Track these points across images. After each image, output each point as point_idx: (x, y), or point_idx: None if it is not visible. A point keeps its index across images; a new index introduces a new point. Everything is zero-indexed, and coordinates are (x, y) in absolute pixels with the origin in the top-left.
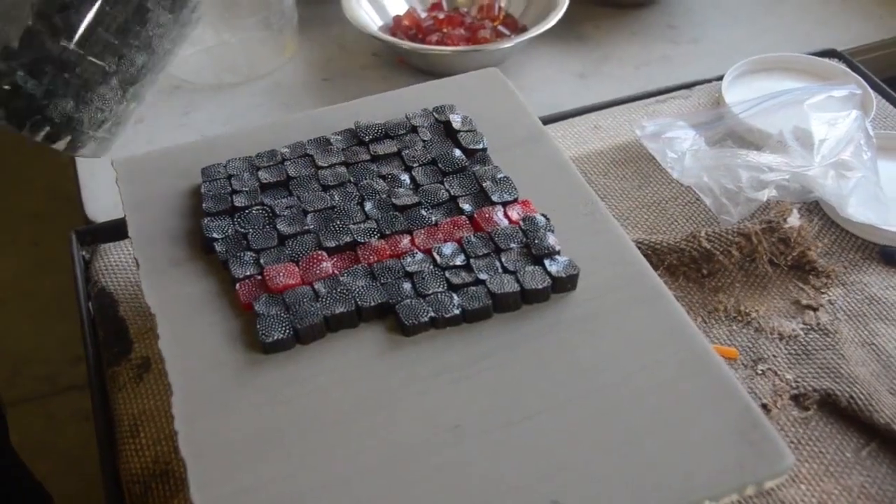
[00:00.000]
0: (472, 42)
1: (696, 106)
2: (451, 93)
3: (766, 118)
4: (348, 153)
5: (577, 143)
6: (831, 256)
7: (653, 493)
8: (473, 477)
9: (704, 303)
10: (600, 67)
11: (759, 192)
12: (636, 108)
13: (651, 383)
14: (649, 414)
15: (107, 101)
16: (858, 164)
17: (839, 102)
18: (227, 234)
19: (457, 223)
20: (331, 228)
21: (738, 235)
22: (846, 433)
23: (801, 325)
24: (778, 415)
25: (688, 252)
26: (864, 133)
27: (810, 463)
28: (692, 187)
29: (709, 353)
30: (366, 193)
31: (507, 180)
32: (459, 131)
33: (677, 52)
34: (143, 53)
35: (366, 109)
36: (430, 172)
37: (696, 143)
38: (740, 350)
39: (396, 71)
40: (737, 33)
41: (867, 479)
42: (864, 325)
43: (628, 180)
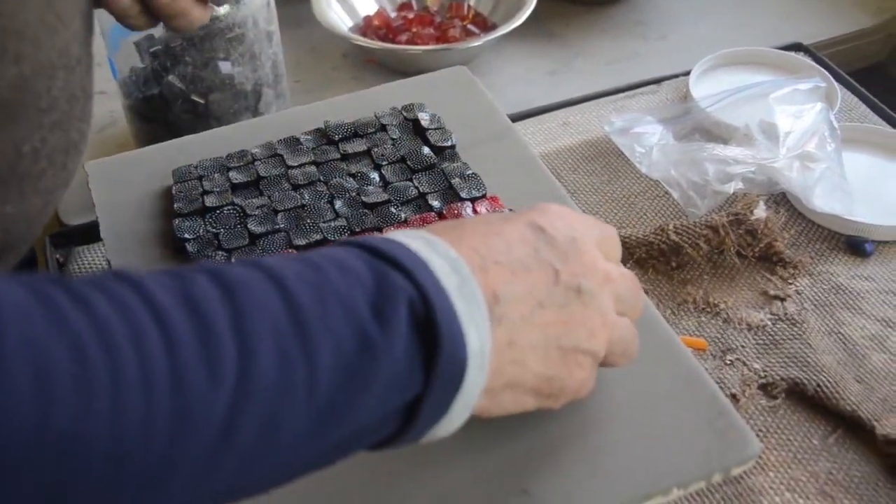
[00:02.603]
0: (441, 41)
1: (664, 101)
2: (420, 91)
3: (733, 112)
4: (318, 152)
5: (546, 140)
6: (798, 247)
7: (620, 482)
8: (442, 466)
9: (673, 295)
10: (570, 64)
11: (725, 184)
12: (605, 104)
13: (618, 372)
14: (617, 403)
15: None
16: (823, 155)
17: (804, 95)
18: (199, 234)
19: (426, 220)
20: (301, 227)
21: (705, 228)
22: (813, 421)
23: (768, 315)
24: (746, 404)
25: (656, 245)
26: (829, 125)
27: (778, 451)
28: (660, 181)
29: (675, 344)
30: (336, 192)
31: (476, 177)
32: (428, 129)
33: (646, 48)
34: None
35: (335, 109)
36: (400, 170)
37: (663, 138)
38: (709, 341)
39: (367, 71)
40: (705, 29)
41: (834, 466)
42: (831, 315)
43: (597, 175)
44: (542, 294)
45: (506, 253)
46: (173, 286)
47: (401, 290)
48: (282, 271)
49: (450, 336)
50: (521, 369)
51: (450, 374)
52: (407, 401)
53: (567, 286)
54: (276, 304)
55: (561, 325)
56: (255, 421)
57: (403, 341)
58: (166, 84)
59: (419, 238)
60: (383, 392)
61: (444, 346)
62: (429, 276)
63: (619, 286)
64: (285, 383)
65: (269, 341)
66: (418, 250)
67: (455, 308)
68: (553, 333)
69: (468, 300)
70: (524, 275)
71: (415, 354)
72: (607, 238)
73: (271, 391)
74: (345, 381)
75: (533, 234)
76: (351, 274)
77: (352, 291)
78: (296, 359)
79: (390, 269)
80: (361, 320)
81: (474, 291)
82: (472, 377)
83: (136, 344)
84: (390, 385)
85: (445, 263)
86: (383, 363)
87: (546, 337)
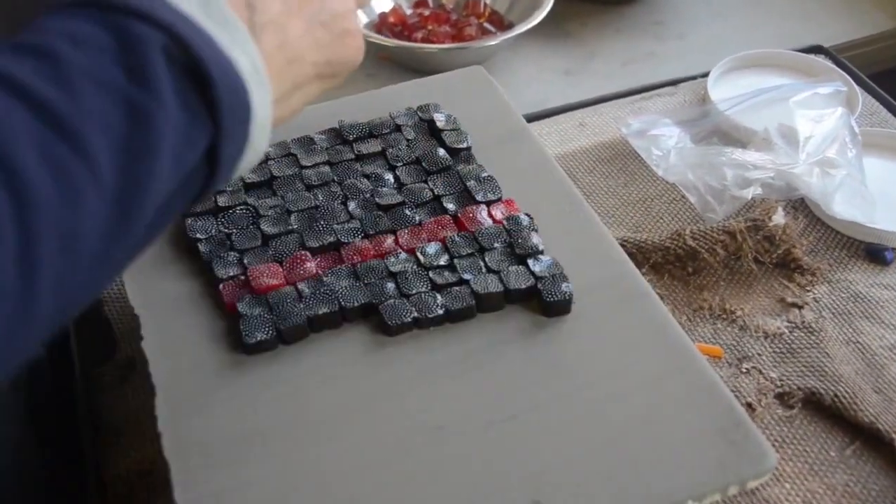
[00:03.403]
0: (457, 39)
1: (681, 103)
2: (436, 91)
3: (752, 115)
4: (332, 152)
5: (562, 141)
6: (816, 254)
7: (635, 494)
8: (456, 477)
9: (689, 301)
10: (586, 64)
11: (744, 189)
12: (622, 106)
13: (633, 383)
14: (631, 414)
15: None
16: (843, 161)
17: (825, 99)
18: (211, 234)
19: (441, 223)
20: (315, 228)
21: (723, 233)
22: (830, 432)
23: (785, 323)
24: (762, 413)
25: (673, 250)
26: (850, 130)
27: (794, 462)
28: (677, 185)
29: (692, 353)
30: (350, 193)
31: (491, 179)
32: (443, 130)
33: (663, 48)
34: None
35: (350, 108)
36: (414, 172)
37: (681, 141)
38: (725, 349)
39: (382, 68)
40: (723, 29)
41: (851, 478)
42: (849, 323)
43: (613, 178)
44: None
45: None
46: None
47: (148, 39)
48: (14, 75)
49: (218, 66)
50: (300, 65)
51: (234, 105)
52: (203, 149)
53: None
54: (22, 114)
55: (313, 6)
56: (50, 239)
57: (173, 93)
58: None
59: None
60: (173, 153)
61: (216, 79)
62: (169, 11)
63: None
64: (66, 189)
65: (31, 155)
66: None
67: (212, 36)
68: (311, 13)
69: (219, 22)
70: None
71: (191, 101)
72: None
73: (55, 203)
74: (128, 161)
75: None
76: (88, 44)
77: (97, 62)
78: (67, 161)
79: (128, 20)
80: (120, 89)
81: (222, 10)
82: (258, 98)
83: None
84: (178, 143)
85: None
86: (160, 123)
87: (308, 21)
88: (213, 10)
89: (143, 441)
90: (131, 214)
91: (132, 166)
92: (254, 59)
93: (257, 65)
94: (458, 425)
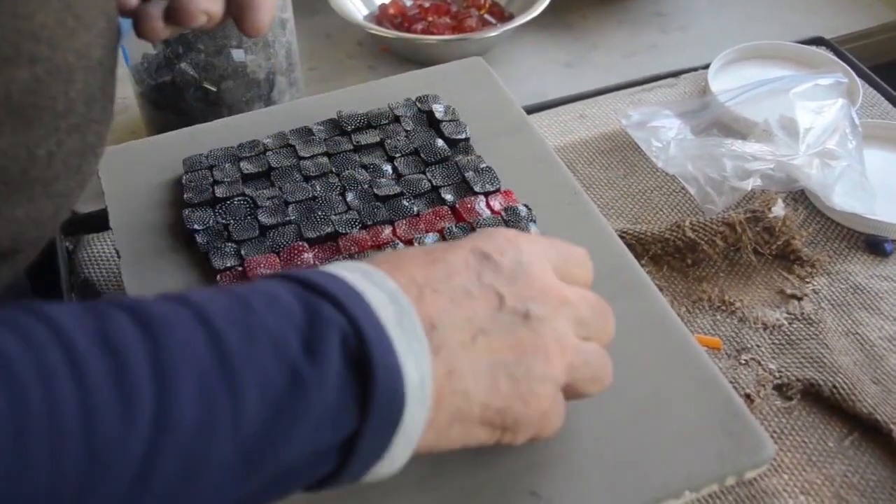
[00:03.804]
0: (457, 31)
1: (682, 94)
2: (435, 82)
3: (752, 107)
4: (330, 143)
5: (562, 133)
6: (816, 246)
7: (632, 485)
8: (452, 468)
9: (688, 292)
10: (587, 56)
11: (743, 181)
12: (622, 97)
13: (631, 374)
14: (629, 405)
15: None
16: (844, 153)
17: (825, 91)
18: (209, 225)
19: (439, 213)
20: (312, 219)
21: (722, 225)
22: (829, 423)
23: (785, 314)
24: (761, 405)
25: (672, 242)
26: (850, 122)
27: (793, 453)
28: (677, 177)
29: (690, 344)
30: (348, 184)
31: (490, 170)
32: (442, 121)
33: (665, 40)
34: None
35: (349, 99)
36: (413, 162)
37: (681, 132)
38: (724, 340)
39: (382, 60)
40: (725, 21)
41: (849, 469)
42: (849, 315)
43: (613, 170)
44: (485, 320)
45: (445, 280)
46: (89, 323)
47: (332, 323)
48: (207, 307)
49: (385, 368)
50: (465, 400)
51: (387, 408)
52: (342, 438)
53: (513, 311)
54: (199, 342)
55: (509, 353)
56: (174, 461)
57: (335, 375)
58: (179, 71)
59: (356, 270)
60: (314, 429)
61: (379, 378)
62: (362, 307)
63: (581, 309)
64: (207, 421)
65: (189, 379)
66: (353, 282)
67: (391, 339)
68: (501, 361)
69: (406, 331)
70: (465, 302)
71: (348, 388)
72: (569, 260)
73: (191, 430)
74: (272, 419)
75: (476, 260)
76: (281, 308)
77: (281, 326)
78: (218, 395)
79: (322, 302)
80: (290, 355)
81: (413, 322)
82: (413, 411)
83: (45, 384)
84: (322, 421)
85: (383, 294)
86: (314, 398)
87: (492, 365)
88: (405, 321)
89: None
90: (254, 467)
91: (273, 424)
92: (423, 374)
93: (425, 381)
94: None
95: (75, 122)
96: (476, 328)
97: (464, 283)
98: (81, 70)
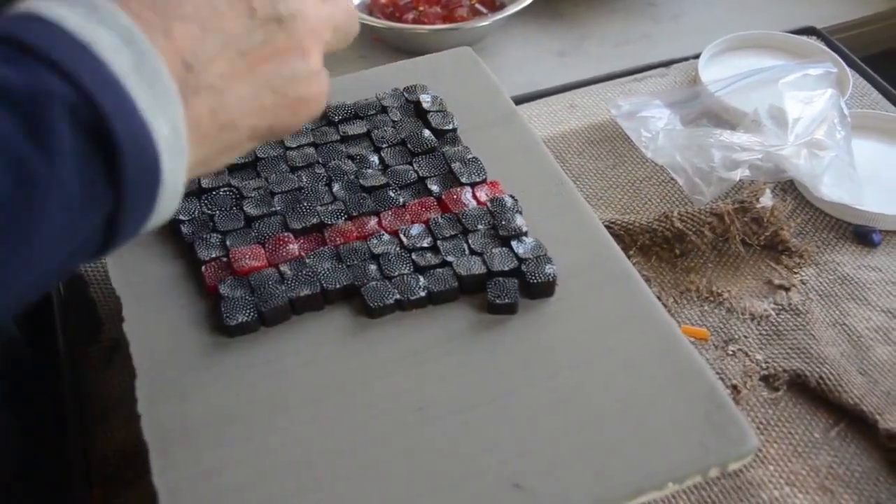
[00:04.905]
0: (448, 20)
1: (672, 84)
2: (423, 72)
3: (742, 97)
4: (317, 134)
5: (552, 122)
6: (804, 236)
7: (615, 476)
8: (435, 459)
9: (676, 283)
10: (579, 46)
11: (731, 171)
12: (613, 87)
13: (616, 365)
14: (613, 396)
15: None
16: (832, 143)
17: (815, 81)
18: (194, 215)
19: (424, 204)
20: (298, 210)
21: (710, 215)
22: (815, 414)
23: (772, 305)
24: (747, 396)
25: (660, 232)
26: (839, 112)
27: (779, 443)
28: (665, 167)
29: (675, 335)
30: (334, 174)
31: (476, 161)
32: (430, 111)
33: (657, 29)
34: None
35: (337, 89)
36: (399, 153)
37: (671, 123)
38: (711, 331)
39: (374, 49)
40: (717, 10)
41: (835, 460)
42: (836, 305)
43: (603, 160)
44: (239, 38)
45: (190, 1)
46: None
47: (57, 98)
48: None
49: (128, 134)
50: (233, 130)
51: (141, 176)
52: (104, 216)
53: (265, 18)
54: None
55: (269, 64)
56: None
57: (70, 155)
58: None
59: (80, 4)
60: (61, 220)
61: (124, 148)
62: (91, 65)
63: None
64: None
65: None
66: (77, 29)
67: (131, 97)
68: (262, 77)
69: (148, 80)
70: (215, 22)
71: (90, 170)
72: None
73: None
74: (3, 227)
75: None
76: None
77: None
78: None
79: (42, 70)
80: (11, 150)
81: (156, 67)
82: (171, 166)
83: None
84: (67, 211)
85: (115, 37)
86: (46, 188)
87: (255, 84)
88: (145, 66)
89: (128, 422)
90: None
91: (10, 227)
92: (176, 123)
93: (178, 130)
94: (439, 407)
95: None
96: (233, 51)
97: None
98: None
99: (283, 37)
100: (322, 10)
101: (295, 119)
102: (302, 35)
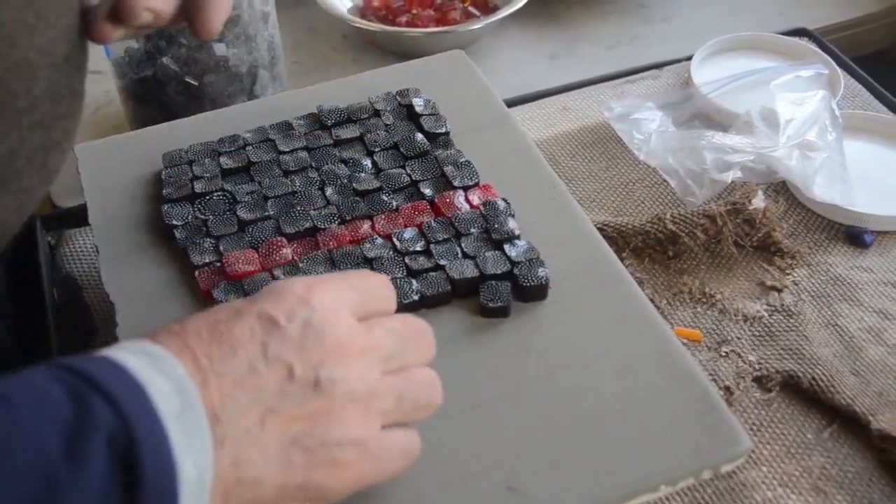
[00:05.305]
0: (441, 23)
1: (665, 86)
2: (416, 76)
3: (734, 98)
4: (310, 138)
5: (545, 125)
6: (796, 237)
7: (608, 479)
8: (429, 463)
9: (669, 285)
10: (572, 48)
11: (723, 173)
12: (605, 89)
13: (609, 368)
14: (606, 399)
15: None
16: (823, 144)
17: (806, 82)
18: (187, 220)
19: (417, 208)
20: (291, 214)
21: (703, 217)
22: (808, 415)
23: (765, 306)
24: (740, 397)
25: (653, 234)
26: (830, 113)
27: (772, 445)
28: (657, 169)
29: (667, 337)
30: (327, 178)
31: (469, 164)
32: (422, 115)
33: (649, 31)
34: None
35: (331, 93)
36: (392, 157)
37: (663, 125)
38: (704, 332)
39: (367, 53)
40: (709, 12)
41: (828, 461)
42: (828, 306)
43: (595, 162)
44: (272, 398)
45: (230, 359)
46: None
47: (100, 422)
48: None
49: (155, 469)
50: (257, 487)
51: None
52: None
53: (303, 381)
54: None
55: (301, 425)
56: None
57: (97, 480)
58: (160, 65)
59: (144, 354)
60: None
61: (148, 479)
62: (140, 403)
63: (386, 346)
64: None
65: None
66: (137, 372)
67: (168, 436)
68: (293, 437)
69: (188, 425)
70: (250, 381)
71: (114, 493)
72: (367, 295)
73: None
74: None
75: (263, 330)
76: (47, 405)
77: (41, 426)
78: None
79: (96, 398)
80: (49, 460)
81: (197, 415)
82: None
83: None
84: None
85: (169, 385)
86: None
87: (284, 443)
88: (189, 413)
89: None
90: None
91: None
92: (203, 471)
93: (204, 480)
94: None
95: (38, 118)
96: (263, 409)
97: (249, 359)
98: (45, 67)
99: (319, 401)
100: (383, 381)
101: (329, 480)
102: (342, 401)
